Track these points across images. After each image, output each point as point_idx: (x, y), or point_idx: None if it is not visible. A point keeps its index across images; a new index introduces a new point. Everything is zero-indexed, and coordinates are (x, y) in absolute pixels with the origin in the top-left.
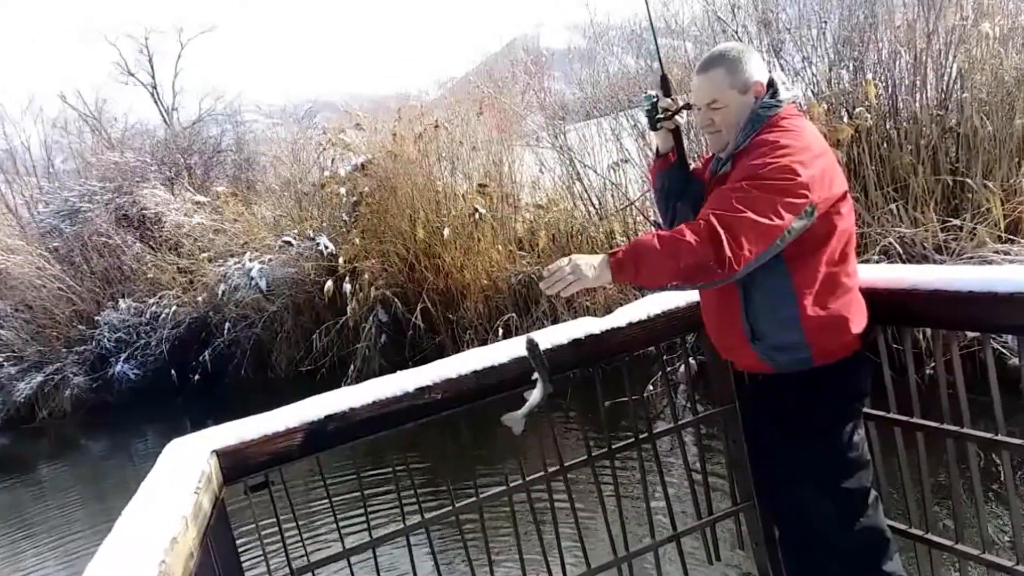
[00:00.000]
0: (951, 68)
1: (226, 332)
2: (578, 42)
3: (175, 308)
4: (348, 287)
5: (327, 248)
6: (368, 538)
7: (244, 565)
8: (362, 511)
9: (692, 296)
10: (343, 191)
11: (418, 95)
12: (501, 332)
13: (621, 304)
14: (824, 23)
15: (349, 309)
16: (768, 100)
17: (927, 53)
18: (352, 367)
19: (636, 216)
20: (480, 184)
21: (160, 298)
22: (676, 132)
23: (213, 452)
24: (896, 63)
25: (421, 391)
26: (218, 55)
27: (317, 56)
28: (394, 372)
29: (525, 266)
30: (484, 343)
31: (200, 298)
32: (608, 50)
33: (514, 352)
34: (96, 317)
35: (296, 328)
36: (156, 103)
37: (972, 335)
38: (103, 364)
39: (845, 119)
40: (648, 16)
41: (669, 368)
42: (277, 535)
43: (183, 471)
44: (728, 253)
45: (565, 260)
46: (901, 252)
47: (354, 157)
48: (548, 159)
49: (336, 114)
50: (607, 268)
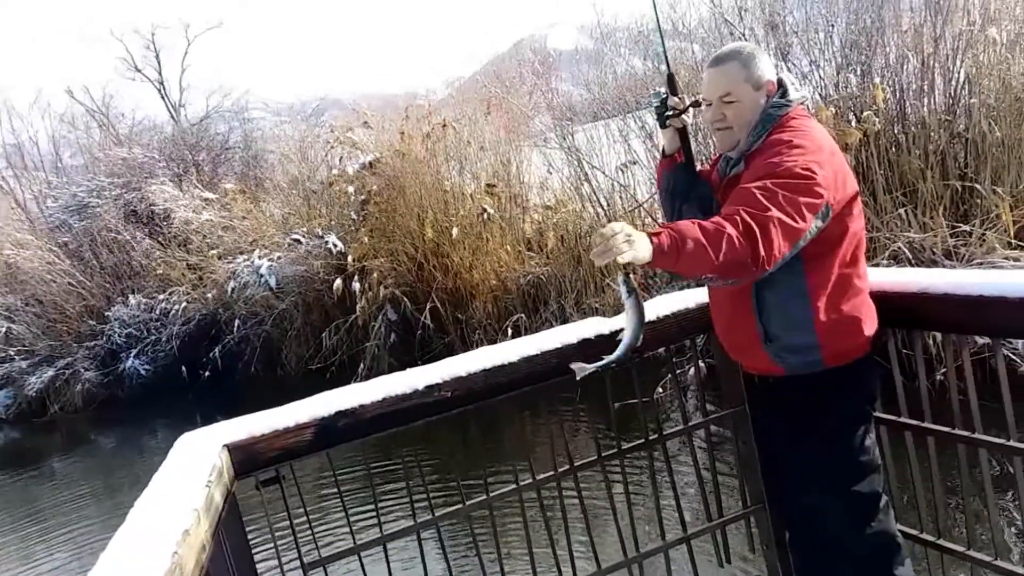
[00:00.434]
0: (959, 73)
1: (236, 329)
2: (585, 43)
3: (185, 304)
4: (357, 286)
5: (336, 246)
6: (379, 534)
7: (256, 559)
8: (372, 506)
9: (702, 297)
10: (351, 189)
11: (426, 94)
12: (510, 332)
13: None
14: (831, 27)
15: (358, 308)
16: (779, 100)
17: (935, 58)
18: (362, 366)
19: (645, 218)
20: (488, 184)
21: (170, 294)
22: (683, 132)
23: (224, 446)
24: (904, 68)
25: (431, 389)
26: (226, 52)
27: (325, 54)
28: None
29: (534, 267)
30: (493, 343)
31: (210, 295)
32: (615, 51)
33: (524, 351)
34: (106, 312)
35: (306, 326)
36: (163, 99)
37: (982, 342)
38: (114, 359)
39: (853, 123)
40: (656, 16)
41: (679, 370)
42: (288, 529)
43: (194, 465)
44: (762, 251)
45: (618, 226)
46: (910, 257)
47: (362, 155)
48: (556, 160)
49: (344, 112)
50: (648, 250)
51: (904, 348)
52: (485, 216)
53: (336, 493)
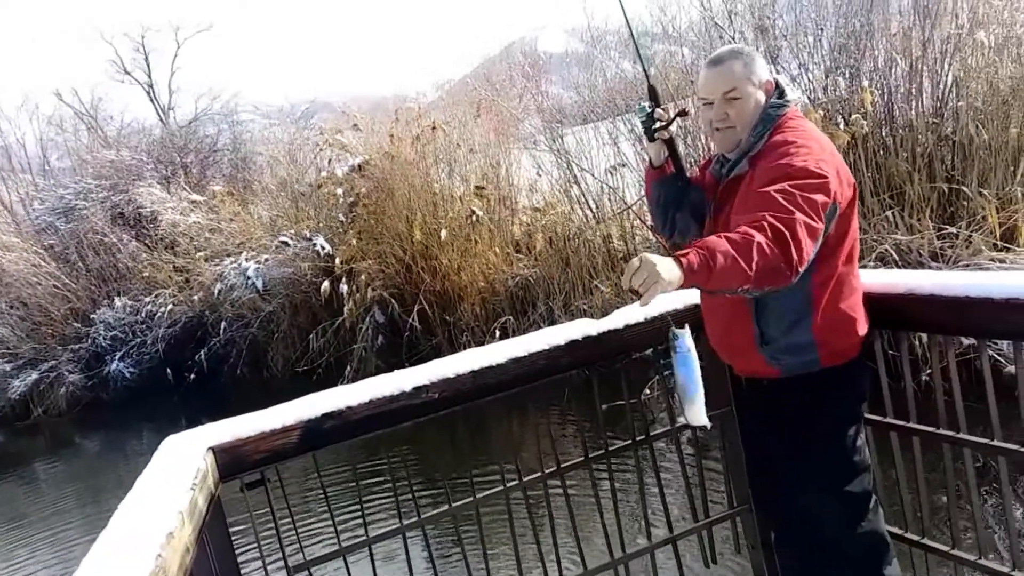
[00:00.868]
0: (947, 76)
1: (222, 331)
2: (575, 46)
3: (171, 307)
4: (345, 288)
5: (324, 249)
6: (364, 536)
7: (240, 562)
8: (359, 508)
9: (690, 299)
10: (340, 192)
11: (415, 97)
12: (498, 334)
13: (619, 307)
14: (820, 30)
15: (346, 310)
16: (777, 100)
17: (923, 61)
18: (349, 368)
19: (633, 220)
20: (477, 186)
21: (156, 297)
22: (670, 143)
23: (209, 449)
24: (892, 71)
25: (418, 390)
26: (215, 54)
27: (315, 56)
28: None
29: (522, 269)
30: (481, 345)
31: (196, 297)
32: (605, 55)
33: (512, 352)
34: (92, 315)
35: (292, 328)
36: (152, 102)
37: (967, 342)
38: (98, 362)
39: (841, 126)
40: (630, 32)
41: (667, 371)
42: (273, 532)
43: (179, 467)
44: (794, 254)
45: (637, 261)
46: (897, 259)
47: (351, 158)
48: (545, 162)
49: (333, 114)
50: (677, 271)
51: (889, 349)
52: (474, 218)
53: (322, 495)
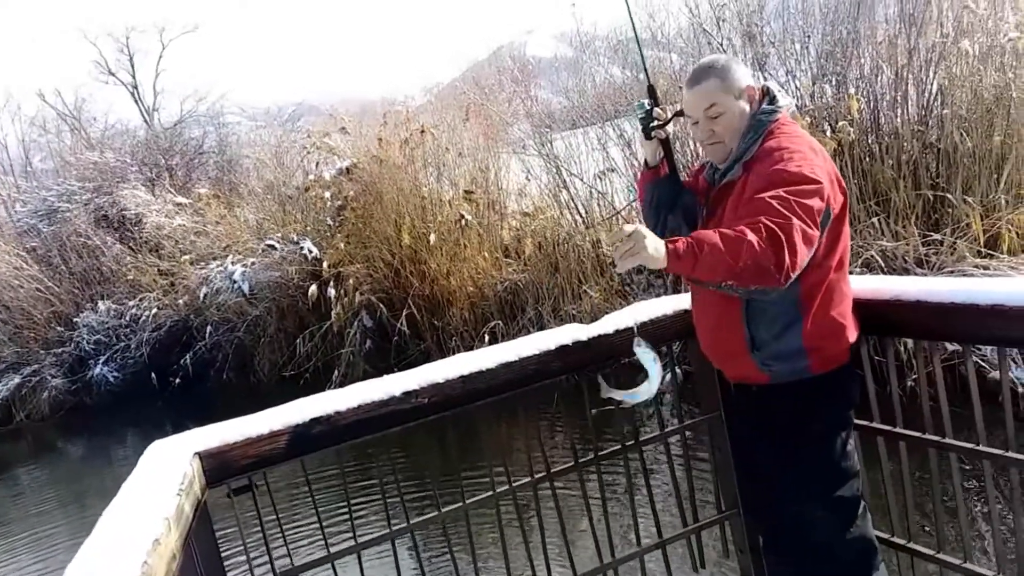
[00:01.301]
0: (932, 85)
1: (208, 336)
2: (564, 51)
3: (156, 311)
4: (332, 292)
5: (311, 252)
6: (353, 542)
7: (227, 569)
8: (347, 514)
9: (679, 304)
10: (328, 195)
11: (404, 100)
12: (487, 339)
13: (608, 312)
14: (807, 38)
15: (333, 314)
16: (768, 107)
17: (908, 69)
18: (336, 372)
19: (622, 225)
20: (466, 190)
21: (140, 300)
22: (666, 143)
23: (196, 454)
24: (878, 79)
25: (407, 395)
26: (201, 56)
27: (302, 59)
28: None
29: (511, 273)
30: (470, 350)
31: (181, 301)
32: (594, 60)
33: (502, 357)
34: (75, 319)
35: (279, 332)
36: (137, 103)
37: (952, 348)
38: (82, 366)
39: (828, 133)
40: (633, 28)
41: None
42: (261, 538)
43: (165, 473)
44: (787, 258)
45: (630, 227)
46: (883, 265)
47: (339, 161)
48: (535, 167)
49: (321, 117)
50: (662, 251)
51: (876, 354)
52: (463, 222)
53: (310, 500)
